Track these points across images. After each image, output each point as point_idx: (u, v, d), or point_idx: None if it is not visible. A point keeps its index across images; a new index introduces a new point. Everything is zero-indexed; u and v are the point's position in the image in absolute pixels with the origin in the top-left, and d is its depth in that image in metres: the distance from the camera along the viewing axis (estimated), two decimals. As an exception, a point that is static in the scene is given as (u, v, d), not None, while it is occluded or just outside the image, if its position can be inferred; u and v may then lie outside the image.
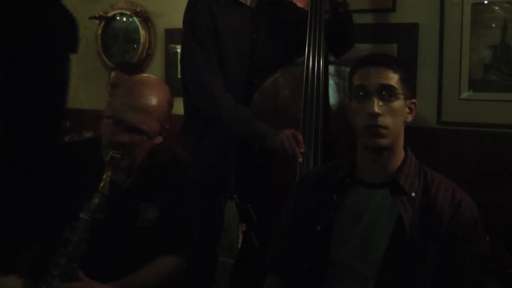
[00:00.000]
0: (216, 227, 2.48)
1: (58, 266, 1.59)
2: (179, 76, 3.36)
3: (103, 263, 1.73)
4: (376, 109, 1.51)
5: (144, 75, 1.75)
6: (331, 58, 2.29)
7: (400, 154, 1.58)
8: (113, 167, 1.63)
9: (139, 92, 1.67)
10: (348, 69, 2.24)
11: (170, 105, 1.77)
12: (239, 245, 2.63)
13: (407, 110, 1.56)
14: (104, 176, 1.61)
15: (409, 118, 1.58)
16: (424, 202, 1.52)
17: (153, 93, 1.69)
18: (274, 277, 1.70)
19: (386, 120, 1.51)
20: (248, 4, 2.37)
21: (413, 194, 1.52)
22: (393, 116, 1.52)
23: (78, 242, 1.58)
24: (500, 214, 2.51)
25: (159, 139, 1.80)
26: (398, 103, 1.53)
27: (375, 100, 1.51)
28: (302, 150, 2.10)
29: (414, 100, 1.58)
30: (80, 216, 1.58)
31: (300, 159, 2.11)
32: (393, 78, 1.53)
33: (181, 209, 1.84)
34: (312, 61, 2.23)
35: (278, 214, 1.78)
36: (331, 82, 2.27)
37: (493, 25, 2.58)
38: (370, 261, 1.52)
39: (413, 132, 2.60)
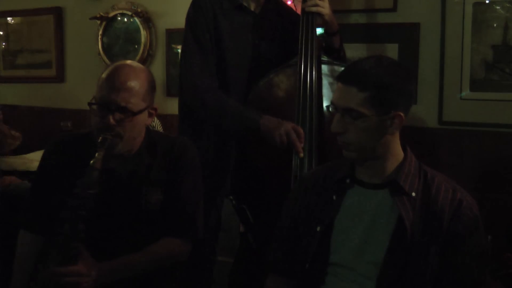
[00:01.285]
0: (214, 227, 2.48)
1: (56, 246, 1.59)
2: (180, 76, 3.36)
3: (109, 249, 1.74)
4: (334, 129, 1.52)
5: (121, 60, 1.78)
6: (324, 58, 2.28)
7: (397, 156, 1.57)
8: (106, 148, 1.65)
9: (117, 74, 1.71)
10: (341, 68, 2.24)
11: (151, 84, 1.79)
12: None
13: (387, 124, 1.50)
14: (96, 155, 1.63)
15: (391, 130, 1.51)
16: (424, 202, 1.51)
17: (131, 72, 1.72)
18: (275, 277, 1.69)
19: (349, 137, 1.51)
20: (252, 9, 2.36)
21: (413, 194, 1.52)
22: (360, 133, 1.50)
23: (75, 219, 1.58)
24: (501, 213, 2.51)
25: (149, 121, 1.81)
26: (365, 122, 1.48)
27: (336, 119, 1.52)
28: (302, 145, 2.12)
29: (398, 113, 1.49)
30: (74, 192, 1.59)
31: (301, 154, 2.12)
32: (357, 99, 1.47)
33: (184, 191, 1.85)
34: (305, 61, 2.23)
35: (275, 215, 1.78)
36: (325, 82, 2.26)
37: (495, 25, 2.57)
38: (370, 262, 1.51)
39: (414, 132, 2.62)
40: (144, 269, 1.75)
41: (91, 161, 1.61)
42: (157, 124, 3.16)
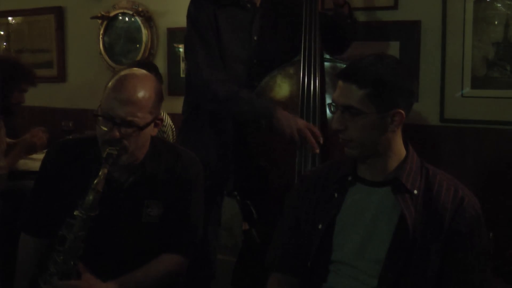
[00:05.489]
0: (214, 224, 2.49)
1: (55, 264, 1.61)
2: (181, 75, 3.36)
3: (108, 260, 1.75)
4: (334, 125, 1.53)
5: (129, 69, 1.74)
6: (327, 56, 2.29)
7: (399, 153, 1.57)
8: (110, 164, 1.64)
9: (124, 86, 1.67)
10: (343, 66, 2.25)
11: (158, 95, 1.75)
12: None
13: (387, 121, 1.50)
14: (100, 173, 1.62)
15: (392, 128, 1.52)
16: (426, 200, 1.51)
17: (138, 84, 1.69)
18: (277, 274, 1.70)
19: (349, 134, 1.52)
20: (250, 5, 2.35)
21: (415, 192, 1.52)
22: (360, 130, 1.50)
23: (74, 240, 1.59)
24: (504, 210, 2.51)
25: (154, 131, 1.79)
26: (365, 119, 1.49)
27: (336, 116, 1.53)
28: (321, 141, 2.13)
29: (398, 110, 1.49)
30: (75, 214, 1.59)
31: (317, 150, 2.12)
32: (356, 96, 1.48)
33: (185, 208, 1.84)
34: (308, 59, 2.23)
35: (278, 211, 1.78)
36: (327, 80, 2.27)
37: (496, 22, 2.57)
38: (372, 259, 1.52)
39: (415, 130, 2.62)
40: (147, 287, 1.76)
41: (94, 181, 1.60)
42: (168, 128, 3.12)
